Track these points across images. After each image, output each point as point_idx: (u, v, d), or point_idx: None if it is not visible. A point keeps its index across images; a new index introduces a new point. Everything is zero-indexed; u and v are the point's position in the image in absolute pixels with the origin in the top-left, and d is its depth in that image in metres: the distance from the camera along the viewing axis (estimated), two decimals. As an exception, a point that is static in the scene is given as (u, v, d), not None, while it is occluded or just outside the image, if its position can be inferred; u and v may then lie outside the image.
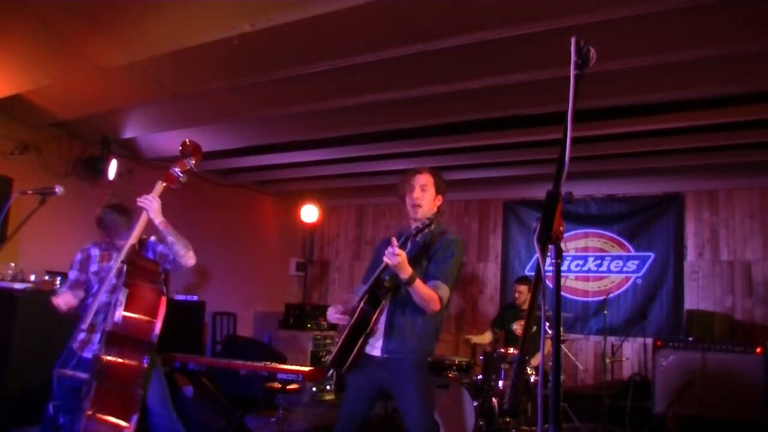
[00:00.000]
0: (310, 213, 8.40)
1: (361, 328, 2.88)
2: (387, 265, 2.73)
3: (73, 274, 3.42)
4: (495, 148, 5.93)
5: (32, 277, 5.02)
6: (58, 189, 3.09)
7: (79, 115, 5.24)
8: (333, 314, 3.04)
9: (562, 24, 3.25)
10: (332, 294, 8.99)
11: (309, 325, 7.57)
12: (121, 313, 2.84)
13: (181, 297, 6.63)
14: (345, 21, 3.39)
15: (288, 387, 4.25)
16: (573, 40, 1.60)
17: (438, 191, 3.06)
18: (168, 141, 5.97)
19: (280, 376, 4.10)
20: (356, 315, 2.87)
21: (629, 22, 3.29)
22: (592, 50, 1.59)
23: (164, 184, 3.19)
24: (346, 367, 2.93)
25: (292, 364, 4.78)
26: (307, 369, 4.23)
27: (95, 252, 3.45)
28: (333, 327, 7.82)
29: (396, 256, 2.64)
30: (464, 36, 3.53)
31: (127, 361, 2.87)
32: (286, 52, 3.89)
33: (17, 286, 4.79)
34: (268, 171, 7.45)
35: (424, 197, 3.01)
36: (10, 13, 3.66)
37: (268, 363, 4.49)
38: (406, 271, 2.71)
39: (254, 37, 3.49)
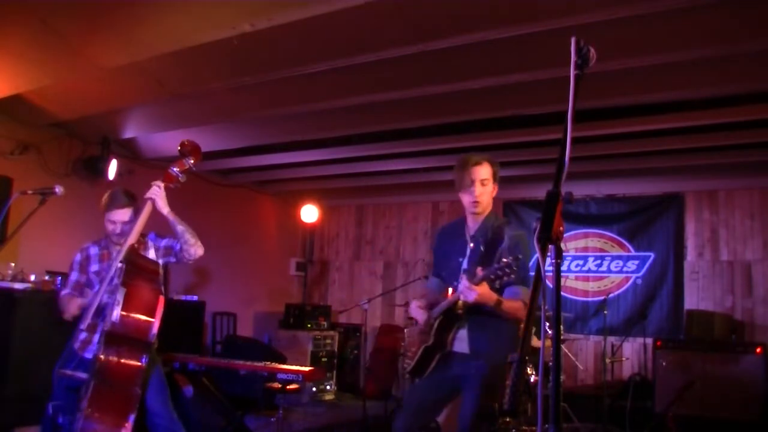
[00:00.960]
0: (310, 213, 8.40)
1: (437, 349, 2.85)
2: (458, 297, 2.67)
3: (74, 276, 3.40)
4: (495, 148, 5.91)
5: (32, 277, 5.02)
6: (58, 189, 3.09)
7: (79, 115, 5.24)
8: (416, 310, 2.99)
9: (562, 24, 3.25)
10: (332, 294, 8.99)
11: (309, 325, 7.56)
12: (118, 312, 2.84)
13: (181, 297, 6.63)
14: (345, 21, 3.39)
15: (288, 387, 4.25)
16: (573, 40, 1.60)
17: (495, 180, 2.88)
18: (168, 141, 5.97)
19: (280, 376, 4.09)
20: (433, 336, 2.83)
21: (629, 22, 3.29)
22: (592, 50, 1.60)
23: (164, 184, 3.19)
24: (426, 375, 2.91)
25: (292, 364, 4.78)
26: (307, 369, 4.23)
27: (94, 251, 3.43)
28: (333, 327, 7.89)
29: (473, 293, 2.55)
30: (464, 36, 3.53)
31: (125, 361, 2.87)
32: (286, 52, 3.89)
33: (17, 286, 4.79)
34: (268, 171, 7.44)
35: (485, 192, 2.84)
36: (10, 13, 3.66)
37: (268, 363, 4.49)
38: (491, 300, 2.62)
39: (254, 37, 3.49)
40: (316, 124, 5.44)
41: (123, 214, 3.29)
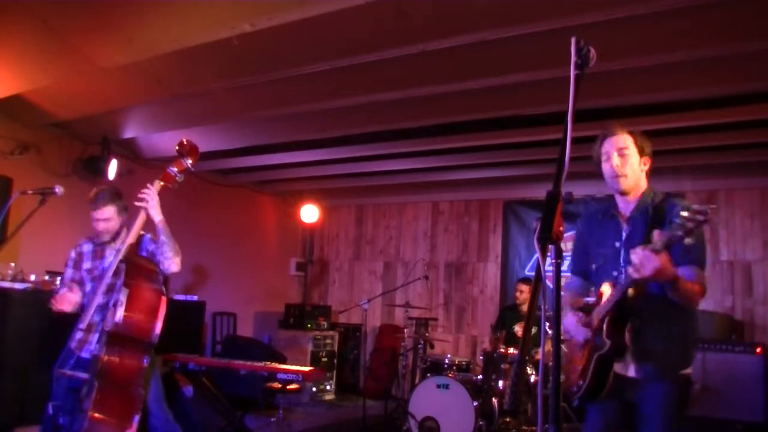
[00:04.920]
0: (310, 213, 8.40)
1: (616, 354, 2.35)
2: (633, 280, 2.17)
3: (68, 273, 3.39)
4: (495, 148, 5.92)
5: (32, 277, 5.02)
6: (58, 189, 3.09)
7: (79, 115, 5.24)
8: (578, 328, 2.51)
9: (562, 24, 3.25)
10: (332, 294, 8.99)
11: (309, 325, 7.57)
12: (122, 313, 2.84)
13: (181, 297, 6.63)
14: (345, 21, 3.39)
15: (288, 387, 4.26)
16: (573, 40, 1.60)
17: (642, 153, 2.55)
18: (168, 141, 5.97)
19: (280, 376, 4.10)
20: (609, 342, 2.31)
21: (629, 22, 3.29)
22: (592, 50, 1.60)
23: (161, 184, 3.18)
24: (600, 399, 2.43)
25: (292, 364, 4.78)
26: (307, 369, 4.23)
27: (88, 248, 3.41)
28: (333, 327, 7.89)
29: (652, 261, 2.04)
30: (464, 36, 3.53)
31: (127, 362, 2.86)
32: (286, 52, 3.89)
33: (17, 286, 4.79)
34: (268, 171, 7.45)
35: (626, 164, 2.54)
36: (11, 13, 3.66)
37: (268, 363, 4.49)
38: (669, 274, 2.12)
39: (254, 37, 3.49)
40: (316, 124, 5.44)
41: (103, 213, 3.27)
